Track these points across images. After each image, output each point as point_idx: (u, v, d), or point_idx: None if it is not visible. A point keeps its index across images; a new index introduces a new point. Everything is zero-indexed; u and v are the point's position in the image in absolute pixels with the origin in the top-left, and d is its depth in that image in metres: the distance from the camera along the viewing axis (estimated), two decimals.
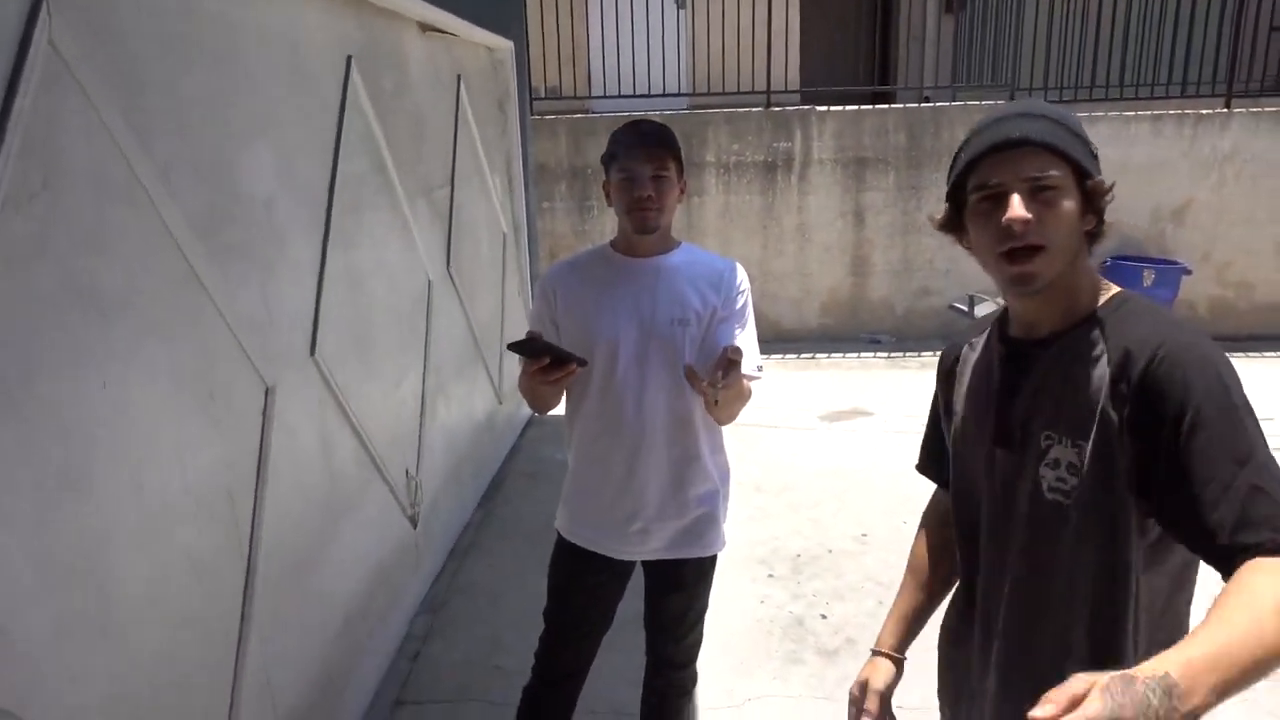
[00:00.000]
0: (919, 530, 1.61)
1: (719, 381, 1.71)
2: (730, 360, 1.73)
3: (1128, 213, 6.72)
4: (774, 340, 7.28)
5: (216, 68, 1.99)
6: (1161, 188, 6.81)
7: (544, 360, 1.75)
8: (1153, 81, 6.98)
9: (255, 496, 2.09)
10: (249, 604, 2.02)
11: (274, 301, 2.22)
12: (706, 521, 2.04)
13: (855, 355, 6.88)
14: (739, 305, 1.98)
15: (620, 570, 2.08)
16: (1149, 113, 6.77)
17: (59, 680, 1.40)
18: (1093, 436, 1.12)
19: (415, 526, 3.28)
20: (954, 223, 1.24)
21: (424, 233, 3.54)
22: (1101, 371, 1.13)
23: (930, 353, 6.80)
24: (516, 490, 4.50)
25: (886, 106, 7.10)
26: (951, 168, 1.22)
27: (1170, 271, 6.55)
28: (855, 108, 7.02)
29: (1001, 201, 1.13)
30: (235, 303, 1.99)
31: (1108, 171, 1.20)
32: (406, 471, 3.21)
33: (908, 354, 6.83)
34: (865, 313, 7.28)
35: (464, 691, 2.86)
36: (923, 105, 7.10)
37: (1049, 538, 1.19)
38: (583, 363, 1.79)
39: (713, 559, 2.10)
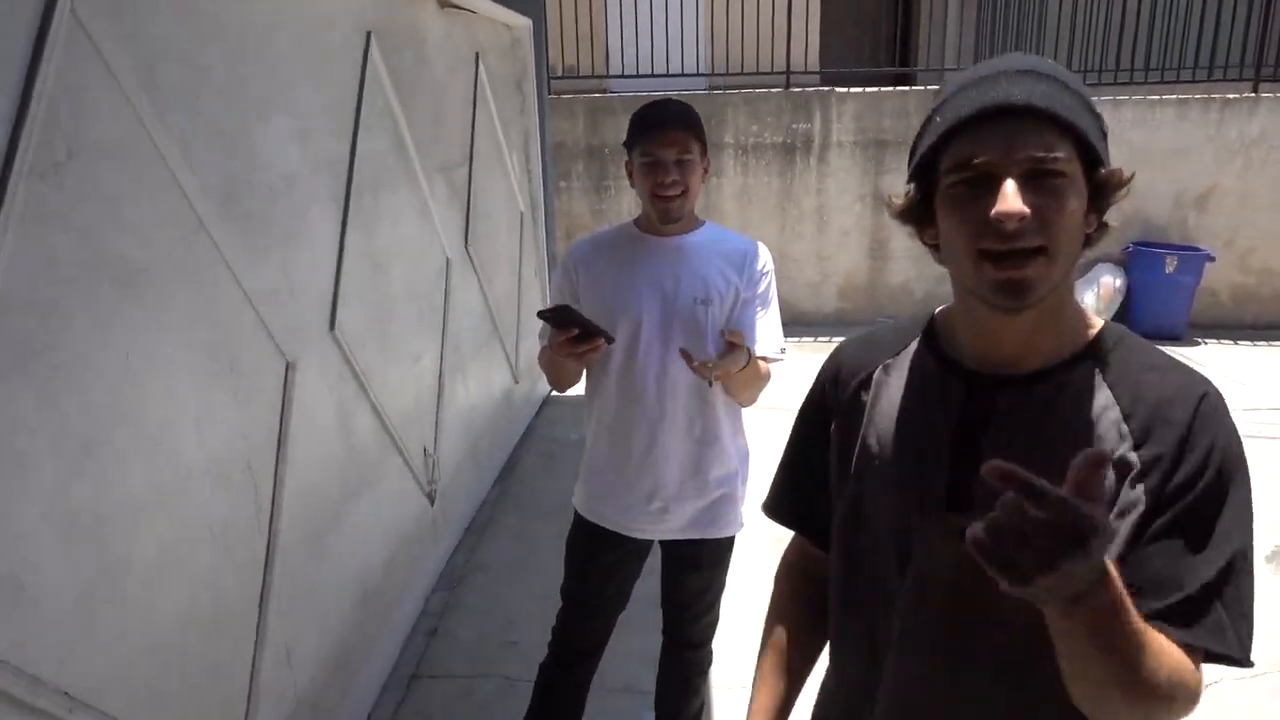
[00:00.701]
0: (776, 594, 1.27)
1: (712, 364, 1.75)
2: (729, 343, 1.79)
3: (1151, 198, 6.64)
4: (791, 323, 7.16)
5: (235, 41, 1.98)
6: (1186, 173, 6.72)
7: (572, 332, 1.73)
8: (1179, 65, 6.87)
9: (275, 469, 2.10)
10: (269, 574, 2.04)
11: (294, 276, 2.22)
12: (726, 503, 2.04)
13: None
14: (762, 287, 1.97)
15: (638, 549, 2.08)
16: (1174, 97, 6.67)
17: (81, 642, 1.41)
18: None
19: (432, 503, 3.30)
20: (918, 210, 0.97)
21: (442, 211, 3.53)
22: (1110, 429, 0.90)
23: None
24: (533, 469, 4.51)
25: (907, 89, 7.03)
26: (920, 136, 0.94)
27: (1193, 258, 6.47)
28: (875, 89, 6.95)
29: (987, 187, 0.85)
30: (255, 276, 2.00)
31: (1132, 158, 1.07)
32: (424, 448, 3.22)
33: None
34: (884, 297, 7.24)
35: (480, 667, 2.88)
36: None
37: (1009, 630, 0.92)
38: (610, 339, 1.78)
39: (731, 540, 2.10)
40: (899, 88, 7.05)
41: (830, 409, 1.11)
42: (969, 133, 0.86)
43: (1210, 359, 6.16)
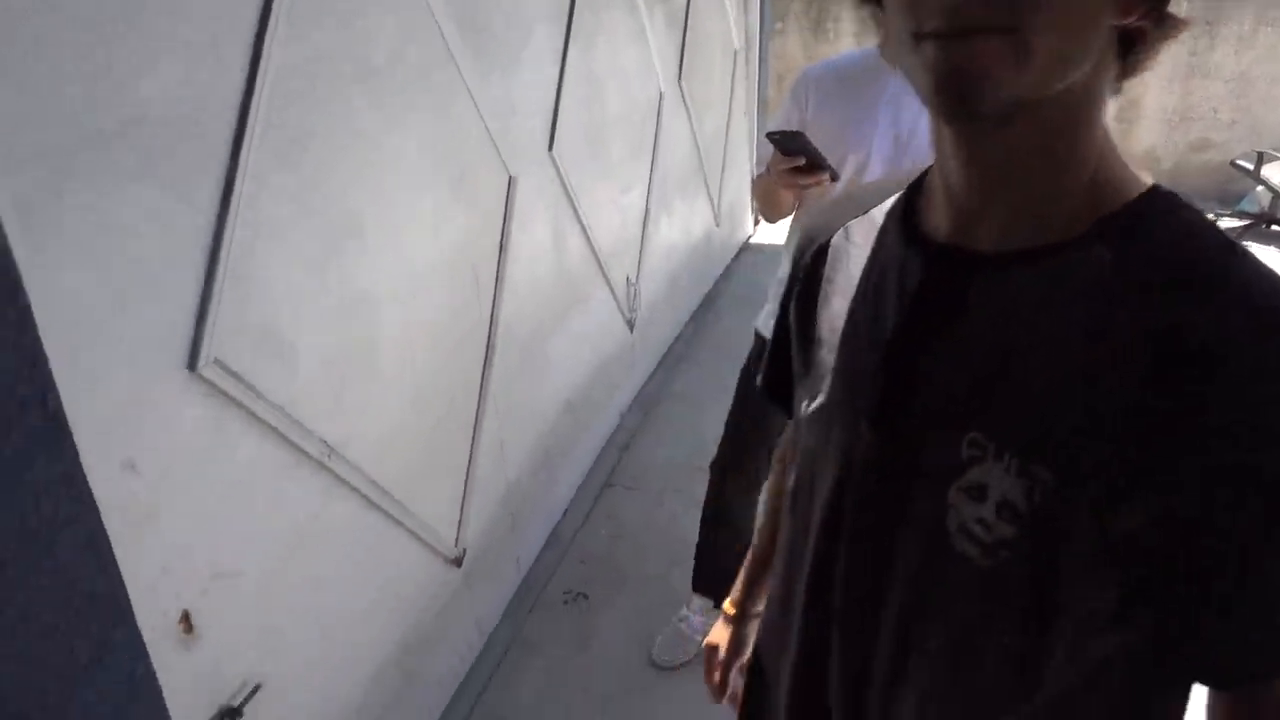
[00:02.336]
0: (774, 470, 1.13)
1: None
2: None
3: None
4: None
5: None
6: None
7: (798, 160, 1.66)
8: None
9: (496, 277, 2.25)
10: (487, 371, 2.22)
11: (518, 92, 2.29)
12: None
13: None
14: None
15: None
16: None
17: (334, 401, 1.62)
18: (1076, 466, 0.60)
19: (632, 331, 3.43)
20: None
21: (660, 40, 3.48)
22: (1128, 342, 0.59)
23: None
24: (728, 308, 4.56)
25: None
26: None
27: None
28: None
29: None
30: (485, 89, 2.08)
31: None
32: (627, 277, 3.32)
33: None
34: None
35: (668, 483, 3.06)
36: None
37: (942, 602, 0.71)
38: (835, 176, 1.70)
39: None
40: None
41: (793, 280, 0.87)
42: None
43: None
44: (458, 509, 2.14)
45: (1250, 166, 5.66)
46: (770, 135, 1.67)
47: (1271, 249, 5.45)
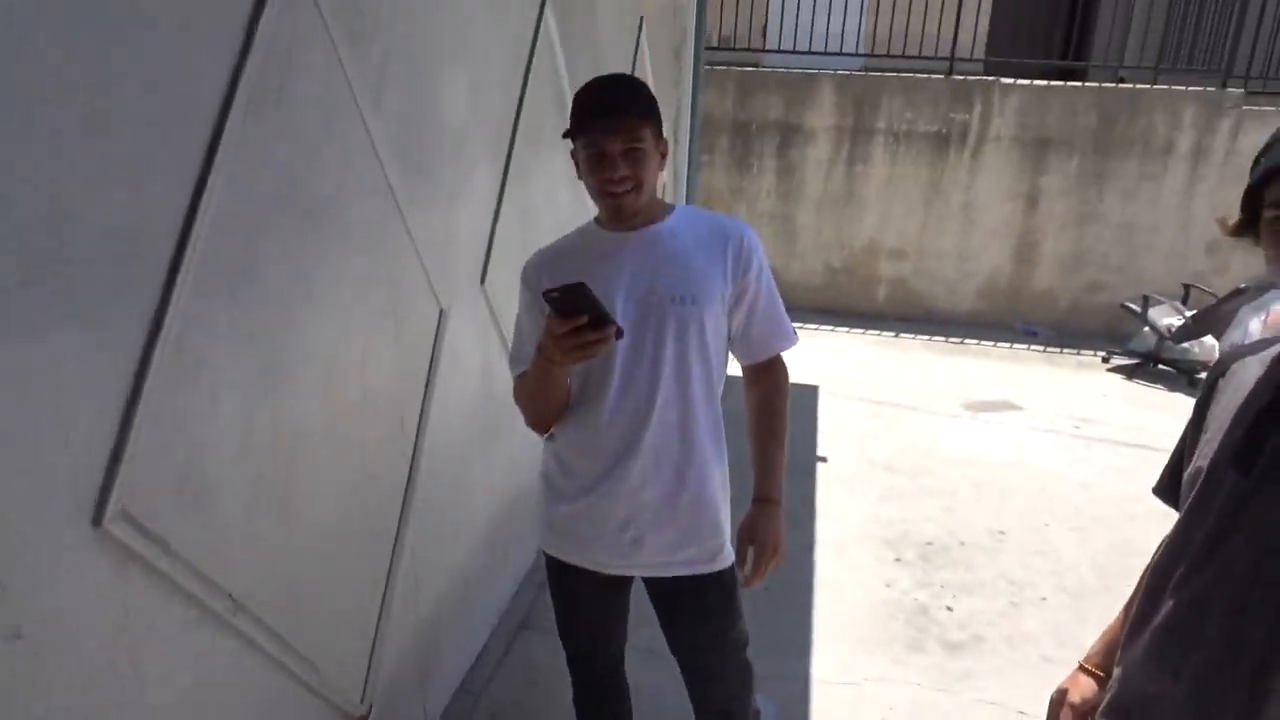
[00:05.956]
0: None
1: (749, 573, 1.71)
2: (746, 543, 1.71)
3: None
4: (923, 321, 7.05)
5: None
6: None
7: (581, 320, 1.42)
8: None
9: (421, 410, 2.20)
10: (407, 507, 2.14)
11: (455, 227, 2.30)
12: (711, 531, 1.76)
13: (1008, 345, 6.57)
14: (754, 272, 1.69)
15: (614, 585, 1.85)
16: None
17: (245, 550, 1.52)
18: None
19: None
20: (1248, 229, 1.11)
21: None
22: None
23: (1091, 351, 6.43)
24: None
25: (1079, 84, 6.64)
26: (1252, 170, 1.09)
27: None
28: (1044, 83, 6.61)
29: None
30: (423, 225, 2.08)
31: None
32: None
33: (1065, 350, 6.48)
34: (1025, 303, 6.93)
35: None
36: (1119, 86, 6.61)
37: (1265, 584, 1.02)
38: (620, 332, 1.47)
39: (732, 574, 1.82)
40: (1069, 83, 6.68)
41: (1200, 397, 1.26)
42: None
43: None
44: (366, 659, 2.01)
45: (1138, 309, 6.07)
46: (548, 293, 1.39)
47: (1159, 388, 5.80)
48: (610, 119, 1.56)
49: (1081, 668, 1.36)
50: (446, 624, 2.48)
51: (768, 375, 1.81)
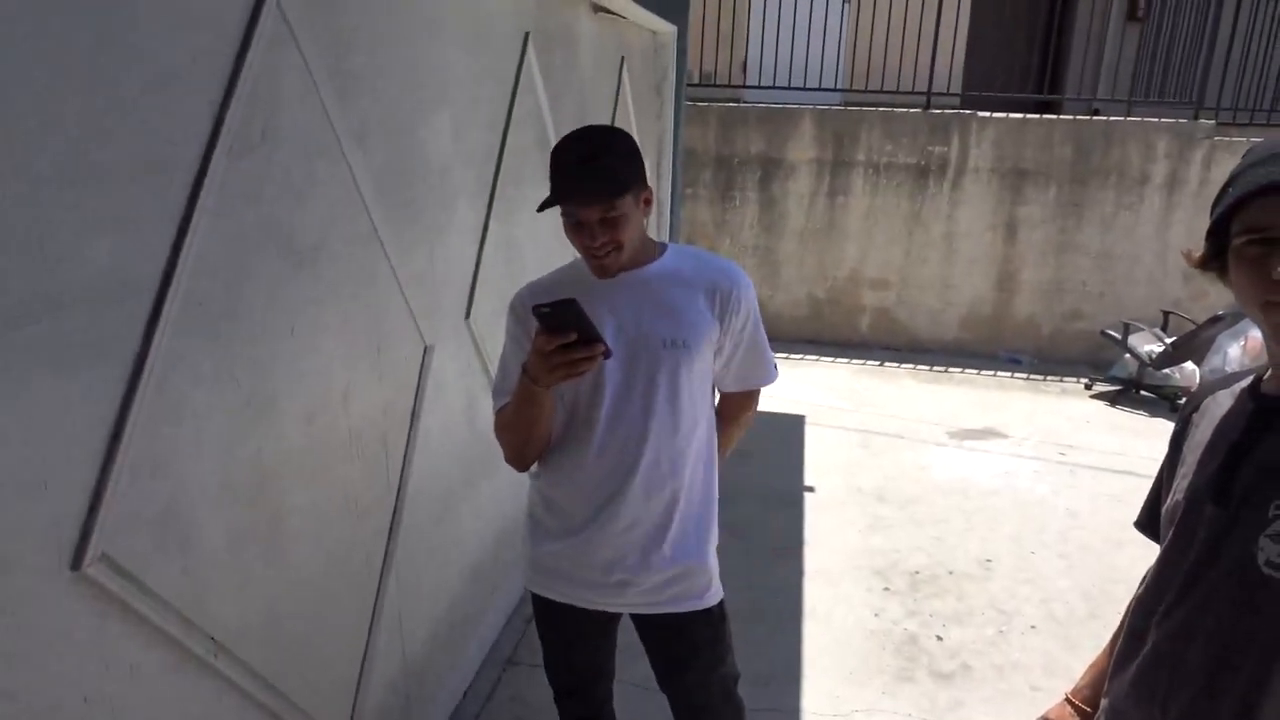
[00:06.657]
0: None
1: None
2: None
3: None
4: (907, 350, 7.10)
5: (409, 36, 2.08)
6: None
7: (570, 336, 1.39)
8: None
9: (406, 447, 2.19)
10: (392, 543, 2.13)
11: (439, 264, 2.32)
12: (699, 568, 1.75)
13: (991, 373, 6.62)
14: (743, 313, 1.69)
15: (601, 621, 1.83)
16: None
17: (228, 591, 1.51)
18: None
19: None
20: (1213, 262, 1.12)
21: None
22: None
23: (1074, 378, 6.48)
24: None
25: (1054, 117, 6.76)
26: (1216, 203, 1.10)
27: None
28: (1020, 116, 6.72)
29: (1271, 249, 1.00)
30: (407, 263, 2.09)
31: None
32: None
33: (1049, 378, 6.53)
34: (1007, 331, 6.99)
35: None
36: (1093, 118, 6.73)
37: (1249, 612, 1.04)
38: (609, 351, 1.45)
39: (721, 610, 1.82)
40: (1044, 115, 6.80)
41: (1174, 433, 1.29)
42: (1258, 203, 1.01)
43: None
44: (351, 699, 1.99)
45: (1118, 336, 6.13)
46: (539, 308, 1.38)
47: (1142, 413, 5.85)
48: (586, 193, 1.52)
49: (1068, 700, 1.36)
50: (433, 661, 2.46)
51: (744, 398, 1.88)
